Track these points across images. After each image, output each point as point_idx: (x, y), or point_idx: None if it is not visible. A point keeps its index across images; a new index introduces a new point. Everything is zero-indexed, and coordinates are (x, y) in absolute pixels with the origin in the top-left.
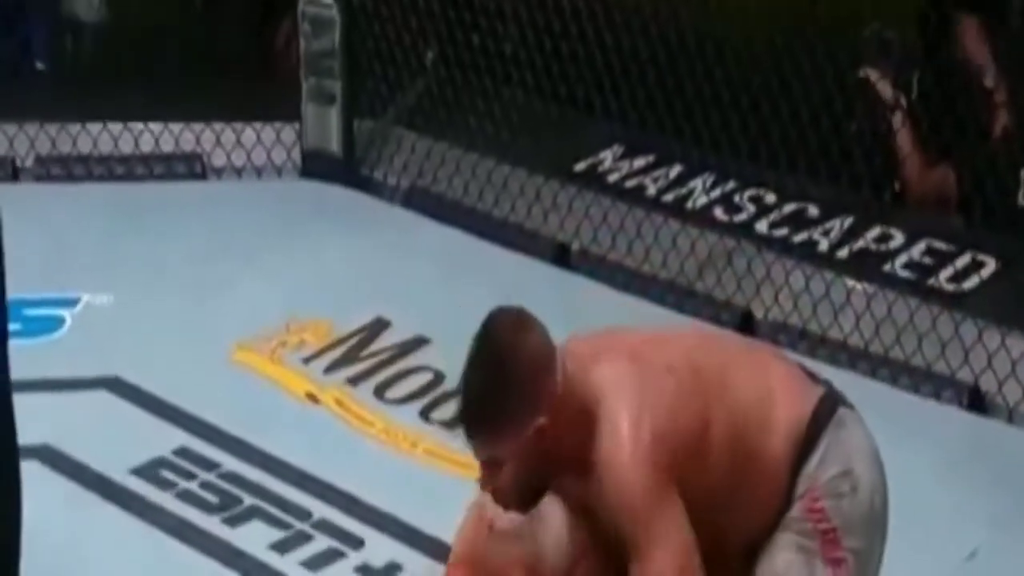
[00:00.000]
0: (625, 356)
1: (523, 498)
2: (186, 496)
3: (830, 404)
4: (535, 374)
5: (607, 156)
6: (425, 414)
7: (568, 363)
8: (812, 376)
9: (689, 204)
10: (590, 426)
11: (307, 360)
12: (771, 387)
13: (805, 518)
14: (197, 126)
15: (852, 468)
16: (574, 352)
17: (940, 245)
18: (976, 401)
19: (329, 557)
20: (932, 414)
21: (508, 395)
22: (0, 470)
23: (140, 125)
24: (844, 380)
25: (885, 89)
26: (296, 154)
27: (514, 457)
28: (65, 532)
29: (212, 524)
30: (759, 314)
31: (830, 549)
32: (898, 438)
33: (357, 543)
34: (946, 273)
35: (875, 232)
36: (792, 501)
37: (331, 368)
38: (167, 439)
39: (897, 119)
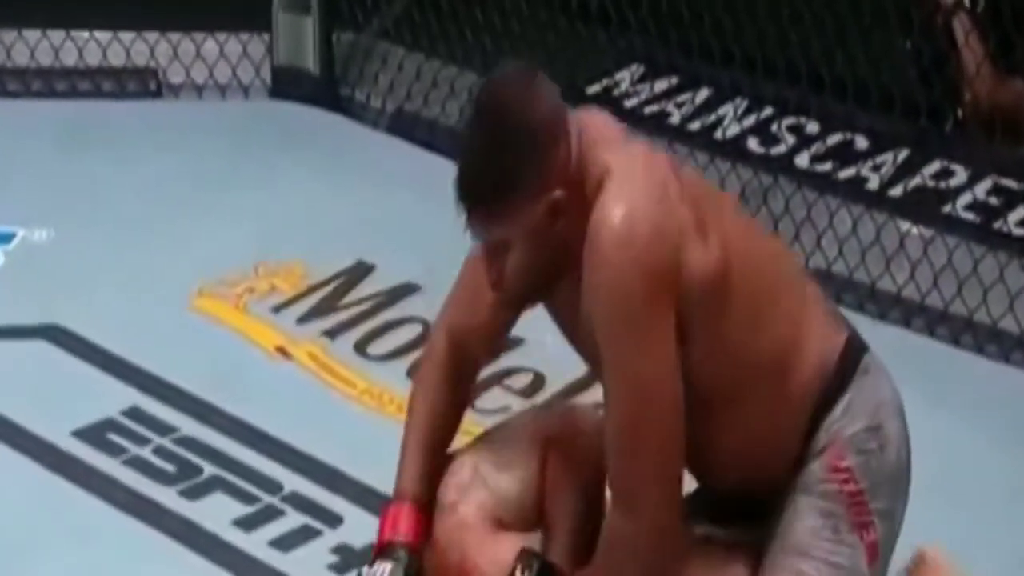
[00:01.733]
0: (643, 151)
1: (528, 292)
2: (137, 464)
3: (857, 347)
4: (547, 136)
5: (624, 77)
6: (413, 373)
7: (582, 134)
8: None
9: (719, 134)
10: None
11: (278, 309)
12: (807, 308)
13: (828, 478)
14: (151, 36)
15: (881, 423)
16: (587, 124)
17: (1009, 183)
18: None
19: (302, 535)
20: (999, 379)
21: (517, 158)
22: None
23: (85, 34)
24: (897, 338)
25: None
26: (266, 71)
27: (522, 239)
28: None
29: (168, 496)
30: (799, 261)
31: (857, 512)
32: (959, 407)
33: (334, 520)
34: (1016, 215)
35: (934, 167)
36: (809, 456)
37: (305, 318)
38: (116, 398)
39: (960, 31)
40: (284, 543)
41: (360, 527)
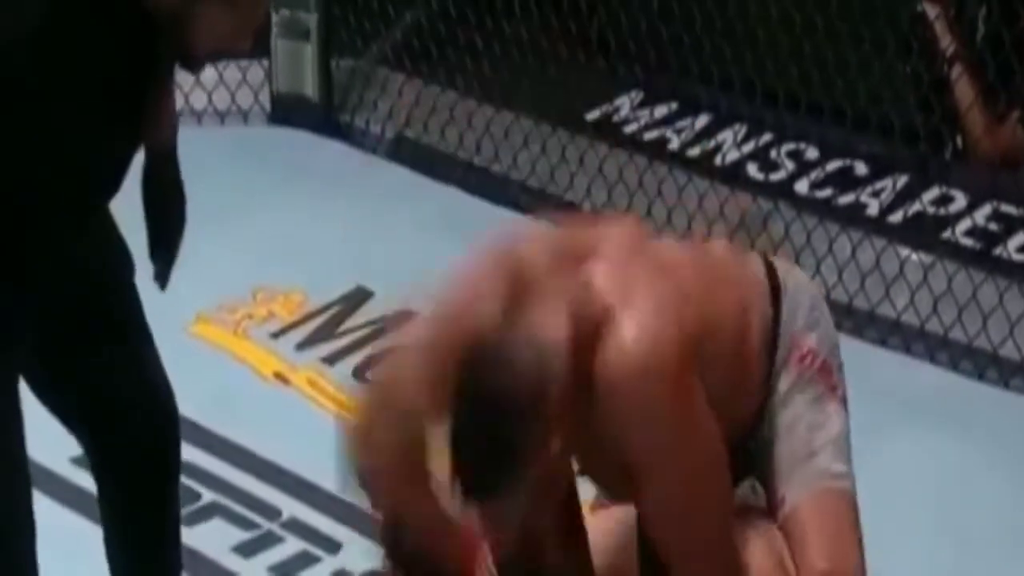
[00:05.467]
0: (622, 257)
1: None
2: None
3: (768, 261)
4: (535, 400)
5: (624, 103)
6: None
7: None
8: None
9: (718, 160)
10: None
11: (276, 335)
12: (745, 295)
13: (800, 372)
14: None
15: (814, 297)
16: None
17: (1009, 209)
18: None
19: (301, 562)
20: (999, 406)
21: (512, 438)
22: None
23: None
24: (896, 364)
25: (943, 31)
26: (265, 97)
27: (520, 497)
28: None
29: None
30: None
31: (826, 379)
32: (960, 435)
33: (334, 546)
34: (1016, 241)
35: (933, 193)
36: (775, 373)
37: (304, 345)
38: None
39: (956, 68)
40: (283, 569)
41: (359, 553)
